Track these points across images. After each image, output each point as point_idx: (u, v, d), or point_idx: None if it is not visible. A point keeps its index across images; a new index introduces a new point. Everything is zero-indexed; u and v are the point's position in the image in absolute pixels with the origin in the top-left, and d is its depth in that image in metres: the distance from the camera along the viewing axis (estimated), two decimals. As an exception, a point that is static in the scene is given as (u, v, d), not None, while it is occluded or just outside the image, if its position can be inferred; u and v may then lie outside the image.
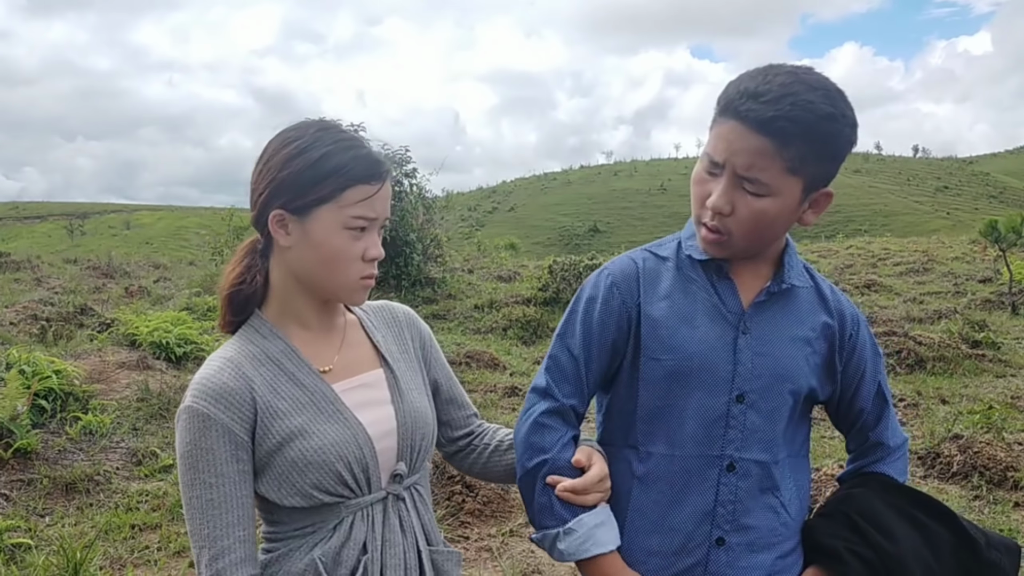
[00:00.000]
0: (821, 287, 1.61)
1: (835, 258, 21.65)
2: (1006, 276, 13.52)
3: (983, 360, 8.79)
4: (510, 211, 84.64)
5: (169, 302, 11.28)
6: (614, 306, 1.55)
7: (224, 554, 1.41)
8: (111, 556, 4.03)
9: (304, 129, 1.48)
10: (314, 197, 1.43)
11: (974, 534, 1.51)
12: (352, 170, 1.43)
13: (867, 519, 1.53)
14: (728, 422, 1.49)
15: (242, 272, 1.54)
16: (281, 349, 1.50)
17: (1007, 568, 1.50)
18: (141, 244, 46.11)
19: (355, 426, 1.48)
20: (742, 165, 1.38)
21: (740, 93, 1.38)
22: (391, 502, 1.52)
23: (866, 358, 1.62)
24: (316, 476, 1.44)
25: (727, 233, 1.45)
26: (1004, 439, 5.72)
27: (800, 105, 1.34)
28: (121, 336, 8.04)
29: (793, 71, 1.39)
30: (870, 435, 1.66)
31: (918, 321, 11.58)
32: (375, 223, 1.48)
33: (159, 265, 18.55)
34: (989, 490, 4.98)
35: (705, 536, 1.50)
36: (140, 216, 73.13)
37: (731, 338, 1.51)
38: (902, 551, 1.48)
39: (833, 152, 1.41)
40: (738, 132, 1.37)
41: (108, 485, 4.89)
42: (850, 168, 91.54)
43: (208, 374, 1.46)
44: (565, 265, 12.74)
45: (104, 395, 6.27)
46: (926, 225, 57.50)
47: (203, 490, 1.42)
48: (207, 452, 1.41)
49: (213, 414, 1.41)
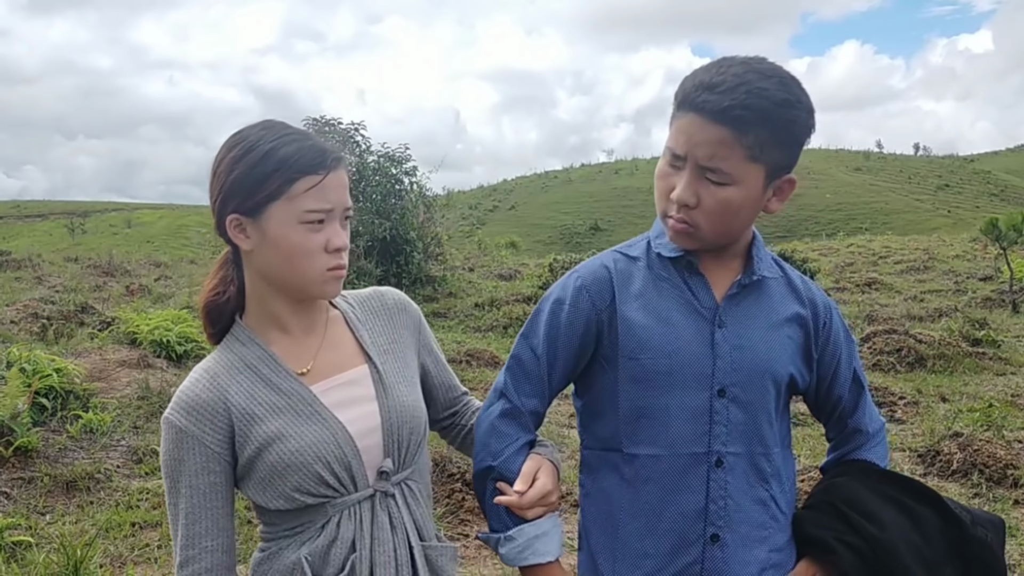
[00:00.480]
0: (791, 277, 1.62)
1: (836, 256, 21.67)
2: (1007, 274, 13.51)
3: (983, 358, 8.79)
4: (511, 209, 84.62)
5: (170, 300, 11.29)
6: (583, 308, 1.55)
7: (190, 562, 1.46)
8: (111, 554, 4.04)
9: (248, 131, 1.48)
10: (263, 195, 1.42)
11: (959, 513, 1.52)
12: (297, 162, 1.42)
13: (854, 507, 1.54)
14: (712, 417, 1.50)
15: (217, 284, 1.56)
16: (258, 355, 1.51)
17: (993, 543, 1.52)
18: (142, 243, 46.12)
19: (334, 425, 1.48)
20: (703, 156, 1.40)
21: (695, 86, 1.40)
22: (379, 499, 1.52)
23: (840, 345, 1.63)
24: (296, 479, 1.45)
25: (694, 225, 1.46)
26: (1004, 437, 5.73)
27: (755, 93, 1.36)
28: (122, 334, 8.04)
29: (745, 62, 1.42)
30: (848, 422, 1.68)
31: (919, 319, 11.59)
32: (332, 213, 1.46)
33: (160, 263, 18.55)
34: (989, 488, 4.99)
35: (699, 534, 1.50)
36: (141, 215, 73.11)
37: (708, 333, 1.51)
38: (892, 537, 1.49)
39: (792, 138, 1.43)
40: (697, 124, 1.40)
41: (109, 483, 4.90)
42: (851, 166, 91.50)
43: (185, 386, 1.50)
44: (566, 263, 12.78)
45: (105, 393, 6.28)
46: (927, 223, 57.47)
47: (177, 499, 1.47)
48: (180, 463, 1.46)
49: (185, 427, 1.45)
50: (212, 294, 1.56)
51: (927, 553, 1.49)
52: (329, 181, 1.44)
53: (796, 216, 61.51)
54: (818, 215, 63.66)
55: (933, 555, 1.49)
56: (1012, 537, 4.29)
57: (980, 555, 1.50)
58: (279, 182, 1.41)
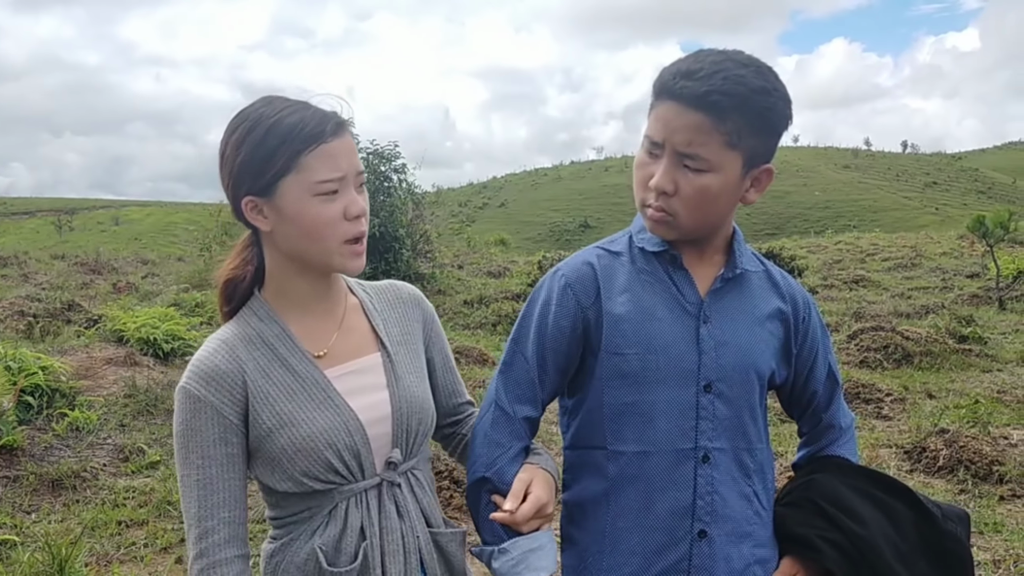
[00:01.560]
0: (772, 272, 1.63)
1: (824, 253, 21.75)
2: (993, 271, 13.58)
3: (970, 355, 8.84)
4: (500, 207, 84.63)
5: (157, 298, 11.23)
6: (569, 308, 1.55)
7: (208, 534, 1.43)
8: (97, 552, 4.02)
9: (248, 110, 1.45)
10: (272, 173, 1.39)
11: (930, 507, 1.54)
12: (300, 133, 1.39)
13: (833, 504, 1.55)
14: (699, 413, 1.50)
15: (237, 263, 1.55)
16: (276, 333, 1.49)
17: (962, 536, 1.54)
18: (129, 240, 45.92)
19: (346, 413, 1.47)
20: (681, 142, 1.40)
21: (673, 74, 1.41)
22: (386, 488, 1.51)
23: (818, 340, 1.65)
24: (305, 463, 1.44)
25: (672, 213, 1.46)
26: (990, 433, 5.76)
27: (732, 79, 1.37)
28: (108, 332, 8.00)
29: (723, 51, 1.43)
30: (823, 416, 1.69)
31: (906, 316, 11.64)
32: (345, 181, 1.43)
33: (147, 261, 18.49)
34: (975, 484, 5.01)
35: (687, 530, 1.49)
36: (129, 212, 72.78)
37: (693, 328, 1.51)
38: (873, 533, 1.51)
39: (769, 126, 1.43)
40: (675, 110, 1.40)
41: (95, 481, 4.87)
42: (839, 163, 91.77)
43: (202, 355, 1.46)
44: (555, 261, 12.77)
45: (91, 391, 6.25)
46: (915, 220, 57.75)
47: (191, 470, 1.43)
48: (196, 433, 1.43)
49: (203, 396, 1.42)
50: (231, 271, 1.54)
51: (902, 547, 1.51)
52: (335, 147, 1.41)
53: (785, 213, 61.71)
54: (807, 212, 63.91)
55: (908, 549, 1.51)
56: (997, 533, 4.32)
57: (952, 549, 1.52)
58: (285, 157, 1.38)
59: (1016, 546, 4.08)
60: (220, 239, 14.03)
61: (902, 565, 1.49)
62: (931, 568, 1.51)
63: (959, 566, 1.52)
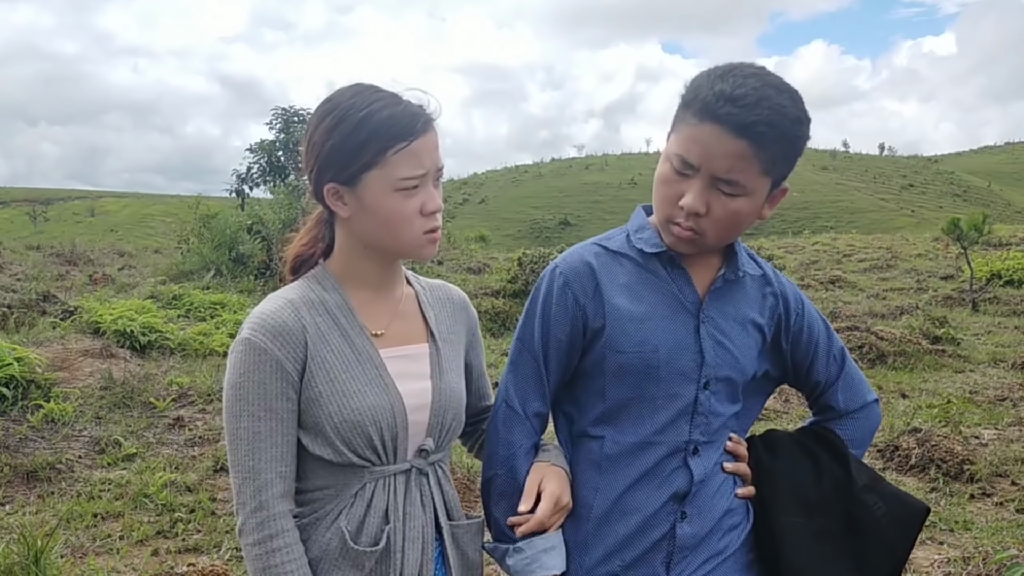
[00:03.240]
0: (767, 272, 1.66)
1: (801, 254, 21.91)
2: (967, 273, 13.76)
3: (943, 355, 8.96)
4: (481, 203, 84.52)
5: (134, 290, 11.16)
6: (568, 306, 1.57)
7: (267, 487, 1.43)
8: (72, 545, 4.00)
9: (339, 97, 1.47)
10: (359, 165, 1.43)
11: (856, 475, 1.61)
12: (389, 130, 1.42)
13: (763, 440, 1.69)
14: (696, 408, 1.54)
15: (308, 241, 1.59)
16: (339, 304, 1.52)
17: (878, 514, 1.58)
18: (106, 231, 45.46)
19: (393, 394, 1.50)
20: (722, 168, 1.41)
21: (716, 96, 1.39)
22: (414, 476, 1.54)
23: (817, 333, 1.68)
24: (348, 434, 1.46)
25: (701, 233, 1.48)
26: (961, 433, 5.84)
27: (776, 109, 1.39)
28: (85, 324, 7.94)
29: (758, 74, 1.43)
30: (821, 399, 1.74)
31: (880, 317, 11.77)
32: (426, 177, 1.47)
33: (124, 253, 18.33)
34: (946, 483, 5.09)
35: (671, 512, 1.54)
36: (105, 203, 72.06)
37: (693, 327, 1.55)
38: (777, 467, 1.62)
39: (798, 152, 1.47)
40: (717, 135, 1.40)
41: (70, 474, 4.85)
42: (818, 165, 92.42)
43: (269, 310, 1.48)
44: (535, 257, 12.77)
45: (67, 383, 6.20)
46: (891, 222, 58.31)
47: (251, 422, 1.43)
48: (259, 385, 1.43)
49: (269, 348, 1.43)
50: (302, 247, 1.59)
51: (812, 494, 1.60)
52: (421, 145, 1.45)
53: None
54: (785, 213, 64.30)
55: (818, 498, 1.60)
56: (967, 530, 4.39)
57: (860, 517, 1.58)
58: (374, 152, 1.42)
59: (985, 543, 4.14)
60: (198, 231, 13.93)
61: (801, 506, 1.58)
62: (836, 526, 1.59)
63: (868, 539, 1.58)
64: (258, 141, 20.49)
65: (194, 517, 4.33)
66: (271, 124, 20.43)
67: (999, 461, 5.35)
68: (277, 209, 14.06)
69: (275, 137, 20.19)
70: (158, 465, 5.02)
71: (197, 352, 7.82)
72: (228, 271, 12.87)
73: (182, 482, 4.76)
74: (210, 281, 12.32)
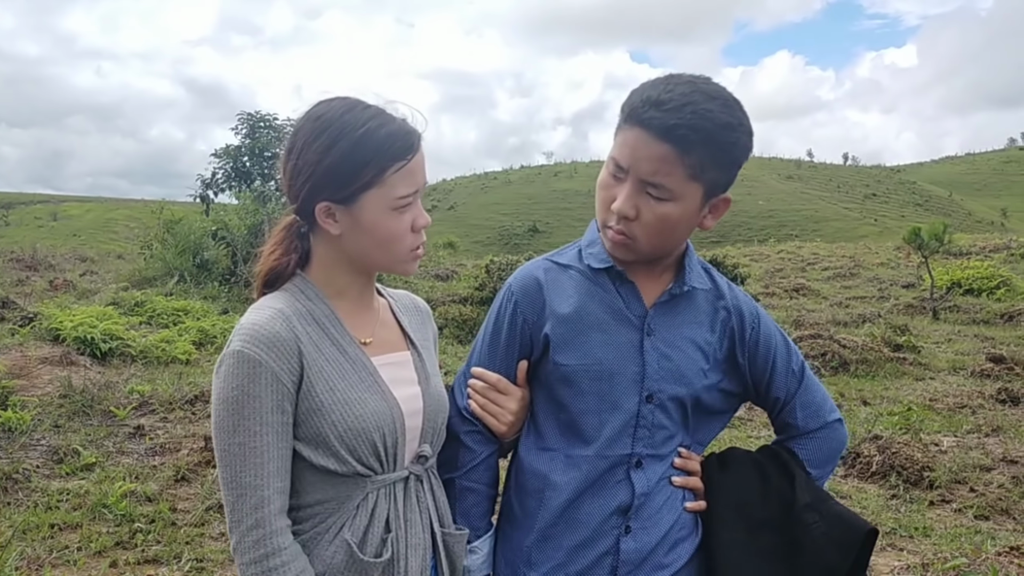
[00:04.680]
0: (720, 286, 1.66)
1: (766, 262, 22.15)
2: (928, 282, 13.99)
3: (904, 363, 9.09)
4: (450, 209, 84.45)
5: (95, 296, 11.00)
6: (518, 325, 1.60)
7: (266, 503, 1.39)
8: (28, 556, 3.92)
9: (330, 114, 1.45)
10: (359, 185, 1.42)
11: (799, 493, 1.60)
12: (389, 149, 1.42)
13: (719, 456, 1.69)
14: (638, 421, 1.54)
15: (280, 253, 1.54)
16: (326, 314, 1.51)
17: (816, 533, 1.56)
18: (68, 236, 44.79)
19: (391, 400, 1.49)
20: (647, 171, 1.43)
21: (643, 101, 1.42)
22: (412, 482, 1.54)
23: (774, 349, 1.66)
24: (354, 442, 1.44)
25: (632, 237, 1.49)
26: (921, 440, 5.94)
27: (700, 114, 1.39)
28: (44, 331, 7.81)
29: (692, 81, 1.44)
30: (779, 416, 1.72)
31: (843, 325, 11.92)
32: (418, 194, 1.48)
33: (86, 258, 18.08)
34: (906, 489, 5.15)
35: (615, 525, 1.54)
36: (68, 207, 71.04)
37: (637, 340, 1.55)
38: (725, 480, 1.63)
39: (731, 159, 1.47)
40: (642, 139, 1.42)
41: (27, 484, 4.75)
42: (783, 174, 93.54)
43: (260, 320, 1.43)
44: (502, 264, 12.81)
45: (25, 391, 6.10)
46: (855, 231, 59.10)
47: (247, 437, 1.38)
48: (254, 399, 1.38)
49: (264, 360, 1.38)
50: (275, 261, 1.54)
51: (757, 512, 1.60)
52: (416, 163, 1.46)
53: (729, 222, 62.61)
54: (750, 221, 64.95)
55: (763, 516, 1.60)
56: (927, 537, 4.45)
57: (799, 536, 1.58)
58: (373, 172, 1.42)
59: (944, 550, 4.21)
60: (161, 237, 13.78)
61: (743, 522, 1.59)
62: (778, 545, 1.58)
63: (801, 555, 1.57)
64: (223, 146, 20.28)
65: (154, 528, 4.27)
66: (237, 129, 20.25)
67: (958, 468, 5.44)
68: (242, 215, 13.94)
69: (241, 142, 19.99)
70: (118, 475, 4.95)
71: (159, 360, 7.73)
72: (192, 277, 12.73)
73: (142, 492, 4.69)
74: (173, 287, 12.19)
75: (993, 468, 5.54)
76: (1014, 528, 4.61)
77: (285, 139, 1.52)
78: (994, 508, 4.86)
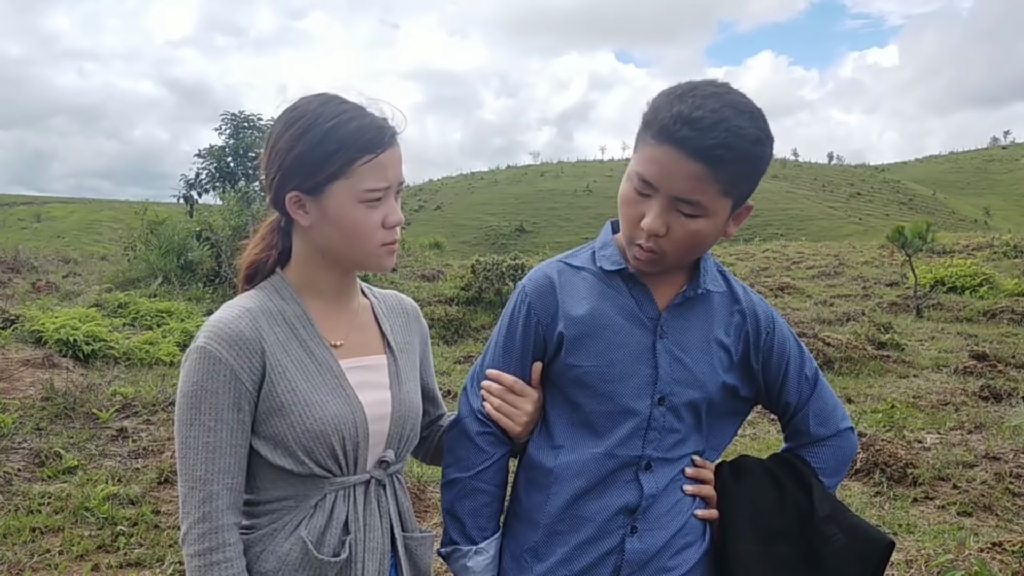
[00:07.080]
0: (735, 290, 1.65)
1: (752, 261, 22.21)
2: (911, 280, 14.06)
3: (888, 361, 9.14)
4: (436, 210, 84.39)
5: (79, 298, 10.91)
6: (531, 326, 1.60)
7: (213, 498, 1.41)
8: (9, 561, 3.88)
9: (305, 106, 1.47)
10: (325, 175, 1.43)
11: (818, 505, 1.59)
12: (357, 142, 1.43)
13: (731, 465, 1.67)
14: (650, 424, 1.54)
15: (262, 249, 1.57)
16: (297, 314, 1.52)
17: (836, 546, 1.56)
18: (52, 238, 44.51)
19: (355, 404, 1.50)
20: (681, 190, 1.41)
21: (674, 118, 1.38)
22: (373, 486, 1.54)
23: (788, 354, 1.65)
24: (311, 444, 1.45)
25: (661, 253, 1.48)
26: (905, 437, 5.97)
27: (733, 132, 1.38)
28: (26, 333, 7.75)
29: (718, 93, 1.42)
30: (792, 422, 1.70)
31: (828, 323, 11.98)
32: (389, 190, 1.48)
33: (69, 260, 17.95)
34: (890, 486, 5.18)
35: (620, 525, 1.54)
36: (51, 209, 70.59)
37: (650, 343, 1.54)
38: (739, 490, 1.61)
39: (759, 172, 1.47)
40: (674, 158, 1.39)
41: (8, 487, 4.71)
42: (769, 174, 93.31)
43: (225, 318, 1.45)
44: (488, 265, 12.78)
45: (6, 394, 6.05)
46: (839, 230, 59.43)
47: (201, 431, 1.41)
48: (211, 394, 1.41)
49: (223, 358, 1.41)
50: (256, 255, 1.57)
51: (773, 523, 1.59)
52: (387, 158, 1.46)
53: (715, 221, 62.67)
54: (736, 220, 65.05)
55: (780, 527, 1.58)
56: (910, 533, 4.47)
57: (818, 548, 1.57)
58: (341, 163, 1.42)
59: (927, 546, 4.23)
60: (145, 238, 13.69)
61: (759, 533, 1.57)
62: (795, 556, 1.57)
63: (819, 567, 1.56)
64: (207, 147, 20.23)
65: (136, 531, 4.24)
66: (221, 129, 20.18)
67: (941, 465, 5.47)
68: (227, 215, 13.86)
69: (225, 143, 19.94)
70: (100, 478, 4.91)
71: (143, 361, 7.68)
72: (176, 278, 12.66)
73: (125, 495, 4.65)
74: (157, 289, 12.11)
75: (976, 465, 5.58)
76: (997, 524, 4.64)
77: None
78: (977, 504, 4.89)
